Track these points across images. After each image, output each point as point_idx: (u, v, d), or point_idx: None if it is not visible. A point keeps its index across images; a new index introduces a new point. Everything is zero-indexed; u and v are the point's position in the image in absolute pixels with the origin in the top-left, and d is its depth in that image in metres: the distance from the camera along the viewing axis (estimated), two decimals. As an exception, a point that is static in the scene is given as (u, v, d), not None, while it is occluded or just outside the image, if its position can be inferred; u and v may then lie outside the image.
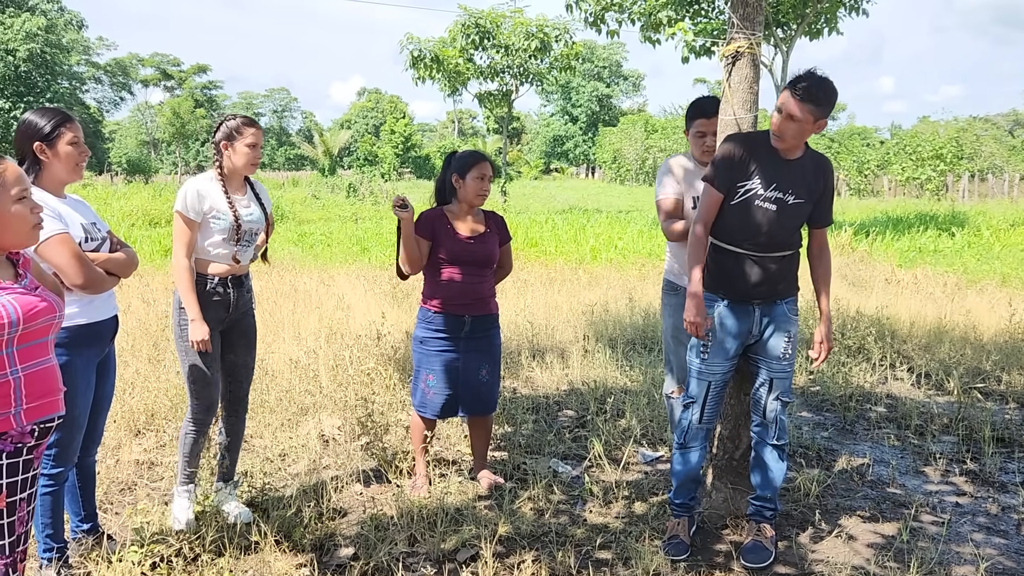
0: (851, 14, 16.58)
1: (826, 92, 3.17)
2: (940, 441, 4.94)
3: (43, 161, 2.97)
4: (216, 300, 3.50)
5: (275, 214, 20.81)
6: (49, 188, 3.00)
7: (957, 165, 33.68)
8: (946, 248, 14.71)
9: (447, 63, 23.05)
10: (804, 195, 3.33)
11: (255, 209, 3.62)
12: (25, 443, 2.24)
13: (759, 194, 3.30)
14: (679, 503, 3.62)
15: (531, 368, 6.25)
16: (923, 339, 7.03)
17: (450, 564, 3.35)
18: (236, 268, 3.56)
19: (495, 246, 4.04)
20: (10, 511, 2.22)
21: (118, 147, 61.61)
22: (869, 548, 3.55)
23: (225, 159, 3.51)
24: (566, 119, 70.61)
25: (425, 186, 40.83)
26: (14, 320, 2.16)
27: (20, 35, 40.83)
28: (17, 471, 2.23)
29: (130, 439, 4.67)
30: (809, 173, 3.35)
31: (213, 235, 3.47)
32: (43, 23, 41.93)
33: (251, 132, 3.50)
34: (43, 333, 2.28)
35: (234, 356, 3.71)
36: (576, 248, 13.94)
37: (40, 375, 2.28)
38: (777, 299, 3.42)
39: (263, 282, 9.30)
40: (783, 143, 3.26)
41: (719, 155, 3.41)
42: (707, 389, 3.47)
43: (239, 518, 3.60)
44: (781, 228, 3.33)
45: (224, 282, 3.52)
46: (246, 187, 3.64)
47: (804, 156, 3.37)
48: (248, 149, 3.49)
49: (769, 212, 3.30)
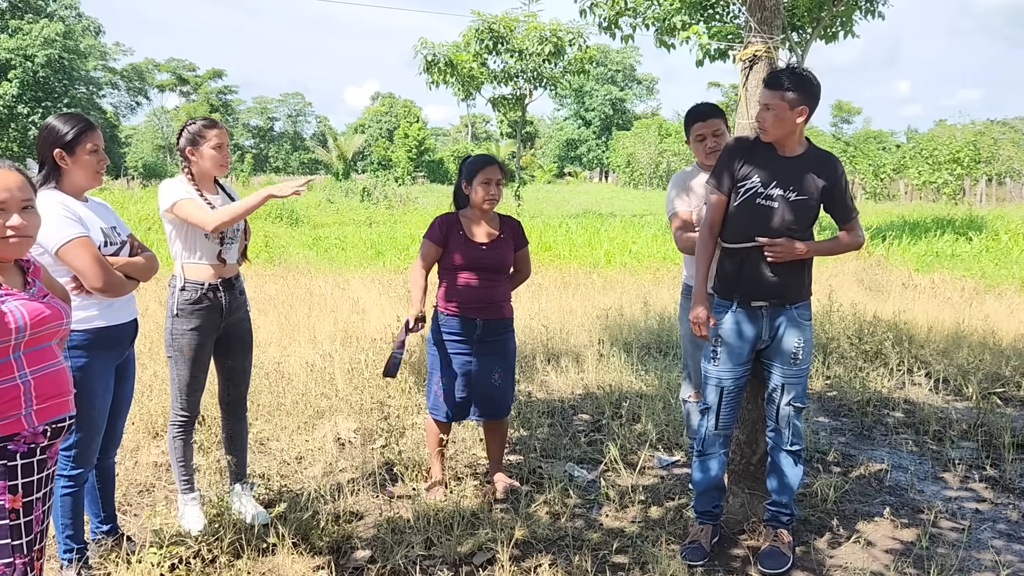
0: (867, 17, 16.51)
1: (793, 78, 3.25)
2: (959, 447, 4.90)
3: (63, 167, 3.00)
4: (209, 305, 3.51)
5: (290, 218, 20.97)
6: (70, 192, 3.03)
7: (975, 169, 33.44)
8: (964, 252, 14.59)
9: (461, 67, 23.10)
10: (807, 192, 3.32)
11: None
12: (38, 443, 2.28)
13: (759, 192, 3.33)
14: (701, 511, 3.60)
15: (546, 372, 6.25)
16: (941, 344, 6.98)
17: (467, 567, 3.35)
18: (224, 269, 3.56)
19: (509, 251, 4.04)
20: (26, 511, 2.26)
21: (134, 151, 62.09)
22: (888, 554, 3.53)
23: (193, 164, 3.51)
24: (579, 123, 70.58)
25: (438, 190, 40.96)
26: (21, 326, 2.21)
27: (39, 41, 41.21)
28: (32, 471, 2.28)
29: (148, 441, 4.70)
30: (812, 170, 3.34)
31: (198, 234, 3.48)
32: (61, 29, 42.28)
33: (214, 134, 3.49)
34: (49, 338, 2.34)
35: (231, 361, 3.72)
36: (590, 252, 13.93)
37: (49, 378, 2.33)
38: (787, 303, 3.40)
39: (278, 286, 9.36)
40: (766, 135, 3.33)
41: (720, 157, 3.48)
42: (720, 395, 3.47)
43: (256, 519, 3.62)
44: (785, 226, 3.31)
45: (214, 287, 3.53)
46: (217, 188, 3.64)
47: (807, 153, 3.37)
48: (214, 151, 3.49)
49: (771, 209, 3.32)
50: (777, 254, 3.30)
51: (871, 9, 16.50)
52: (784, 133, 3.30)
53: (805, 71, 3.28)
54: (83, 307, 2.97)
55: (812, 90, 3.27)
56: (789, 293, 3.39)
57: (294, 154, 78.45)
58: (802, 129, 3.35)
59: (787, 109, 3.23)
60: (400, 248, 14.41)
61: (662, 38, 16.81)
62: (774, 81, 3.26)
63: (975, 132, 37.74)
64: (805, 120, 3.29)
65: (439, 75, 23.06)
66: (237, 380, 3.77)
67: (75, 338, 2.94)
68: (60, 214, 2.87)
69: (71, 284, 2.92)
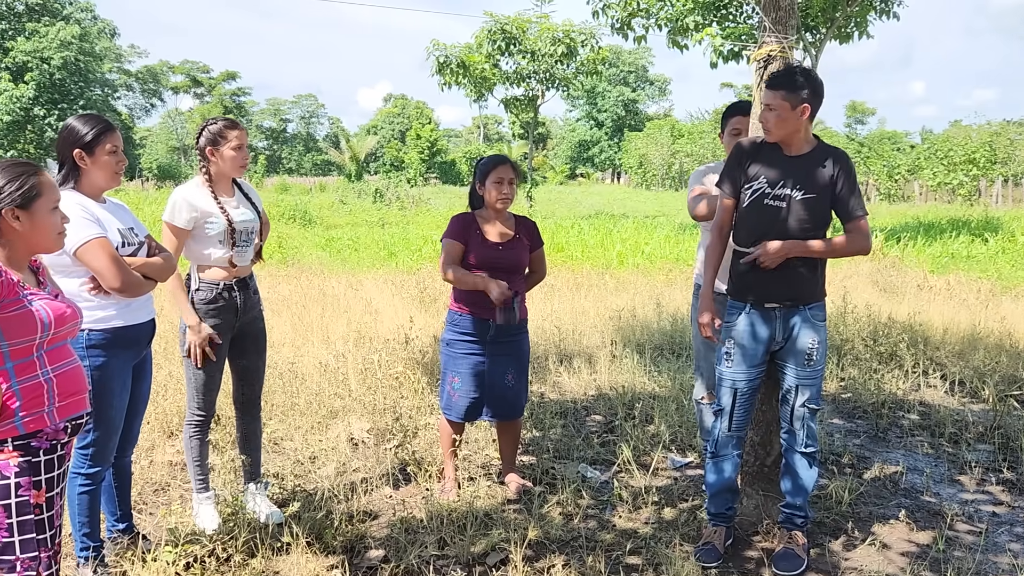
0: (881, 18, 16.41)
1: (790, 76, 3.26)
2: (975, 449, 4.86)
3: (82, 168, 3.03)
4: (223, 305, 3.53)
5: (303, 219, 21.05)
6: (88, 193, 3.05)
7: (990, 170, 33.17)
8: (979, 254, 14.47)
9: (473, 69, 23.12)
10: (813, 190, 3.29)
11: (247, 210, 3.63)
12: (59, 439, 2.34)
13: (767, 192, 3.33)
14: (715, 513, 3.59)
15: (559, 373, 6.25)
16: (957, 346, 6.93)
17: (480, 567, 3.35)
18: (235, 271, 3.57)
19: (524, 252, 4.04)
20: (48, 506, 2.32)
21: (149, 153, 62.51)
22: (903, 557, 3.51)
23: (212, 165, 3.52)
24: (592, 124, 70.50)
25: (451, 191, 41.01)
26: (46, 324, 2.26)
27: (55, 43, 41.58)
28: (53, 467, 2.33)
29: (163, 440, 4.73)
30: (820, 166, 3.31)
31: (210, 241, 3.49)
32: (77, 31, 42.65)
33: (235, 134, 3.51)
34: (67, 336, 2.40)
35: (246, 361, 3.74)
36: (603, 253, 13.91)
37: (68, 375, 2.40)
38: (800, 304, 3.38)
39: (292, 286, 9.39)
40: (770, 135, 3.33)
41: (728, 160, 3.50)
42: (734, 397, 3.46)
43: (271, 518, 3.64)
44: (794, 225, 3.29)
45: (229, 286, 3.55)
46: (235, 189, 3.65)
47: (814, 151, 3.35)
48: (234, 152, 3.50)
49: (779, 209, 3.31)
50: (763, 262, 3.30)
51: (886, 10, 16.40)
52: (788, 132, 3.30)
53: (806, 70, 3.28)
54: (101, 307, 2.99)
55: (814, 88, 3.25)
56: (802, 294, 3.37)
57: (307, 155, 78.77)
58: (807, 127, 3.33)
59: (789, 109, 3.24)
60: (413, 249, 14.44)
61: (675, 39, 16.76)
62: (774, 81, 3.27)
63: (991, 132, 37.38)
64: (809, 118, 3.28)
65: (451, 76, 23.09)
66: (251, 380, 3.79)
67: (93, 337, 2.96)
68: (78, 215, 2.90)
69: (89, 284, 2.95)
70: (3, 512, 2.24)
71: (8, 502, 2.23)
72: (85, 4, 47.18)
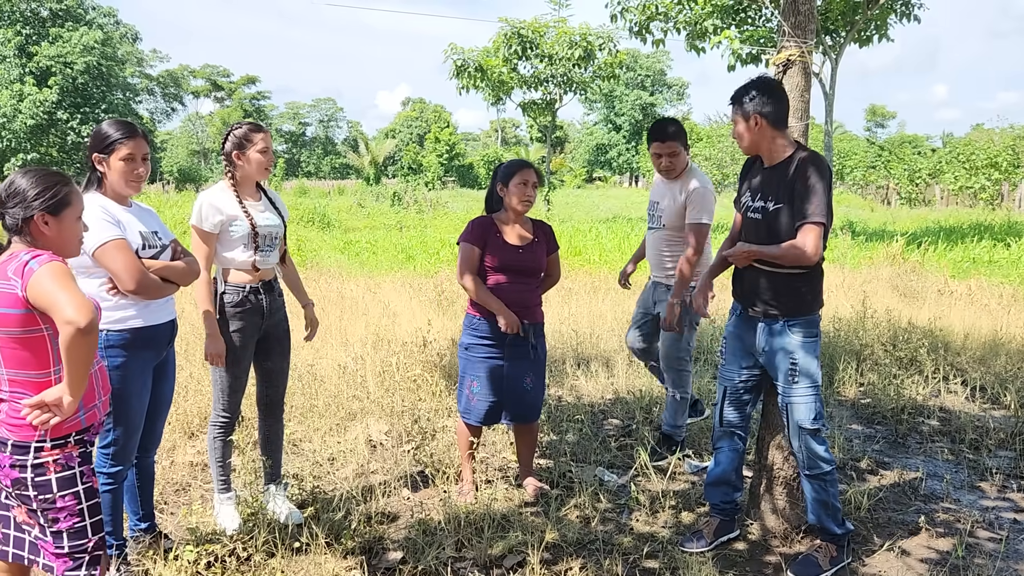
0: (902, 21, 16.31)
1: (738, 91, 3.32)
2: (996, 456, 4.81)
3: (101, 171, 3.08)
4: (250, 308, 3.57)
5: (322, 222, 21.14)
6: (111, 197, 3.09)
7: (1013, 174, 32.76)
8: (1001, 259, 14.31)
9: (491, 73, 23.19)
10: (780, 200, 3.26)
11: (272, 215, 3.66)
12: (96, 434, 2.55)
13: (750, 205, 3.42)
14: (711, 503, 3.71)
15: (576, 377, 6.25)
16: (978, 352, 6.86)
17: (497, 570, 3.37)
18: (258, 275, 3.60)
19: (543, 255, 4.06)
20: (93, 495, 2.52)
21: (170, 157, 63.02)
22: (923, 563, 3.48)
23: (238, 169, 3.56)
24: (609, 128, 70.38)
25: (468, 195, 41.09)
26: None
27: (78, 48, 42.09)
28: (89, 460, 2.52)
29: (184, 441, 4.78)
30: (786, 176, 3.26)
31: (234, 244, 3.53)
32: (100, 36, 43.13)
33: (260, 137, 3.55)
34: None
35: (270, 362, 3.77)
36: (620, 257, 13.88)
37: (102, 372, 2.56)
38: (778, 318, 3.33)
39: (310, 289, 9.39)
40: (742, 150, 3.42)
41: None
42: (723, 393, 3.59)
43: (290, 519, 3.67)
44: (769, 236, 3.29)
45: (255, 289, 3.59)
46: (260, 194, 3.69)
47: (788, 159, 3.30)
48: (260, 155, 3.55)
49: (757, 221, 3.36)
50: (732, 261, 3.45)
51: (906, 12, 16.29)
52: (752, 145, 3.34)
53: (759, 80, 3.31)
54: (120, 307, 3.03)
55: (765, 97, 3.23)
56: (780, 306, 3.32)
57: (325, 159, 79.21)
58: (774, 136, 3.29)
59: (743, 122, 3.29)
60: (430, 252, 14.49)
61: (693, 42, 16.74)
62: (732, 96, 3.34)
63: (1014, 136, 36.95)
64: (773, 127, 3.26)
65: (469, 80, 23.18)
66: (275, 381, 3.83)
67: (113, 338, 3.00)
68: (99, 217, 2.94)
69: (107, 285, 2.99)
70: (74, 499, 2.44)
71: (77, 489, 2.45)
72: (108, 9, 47.74)
